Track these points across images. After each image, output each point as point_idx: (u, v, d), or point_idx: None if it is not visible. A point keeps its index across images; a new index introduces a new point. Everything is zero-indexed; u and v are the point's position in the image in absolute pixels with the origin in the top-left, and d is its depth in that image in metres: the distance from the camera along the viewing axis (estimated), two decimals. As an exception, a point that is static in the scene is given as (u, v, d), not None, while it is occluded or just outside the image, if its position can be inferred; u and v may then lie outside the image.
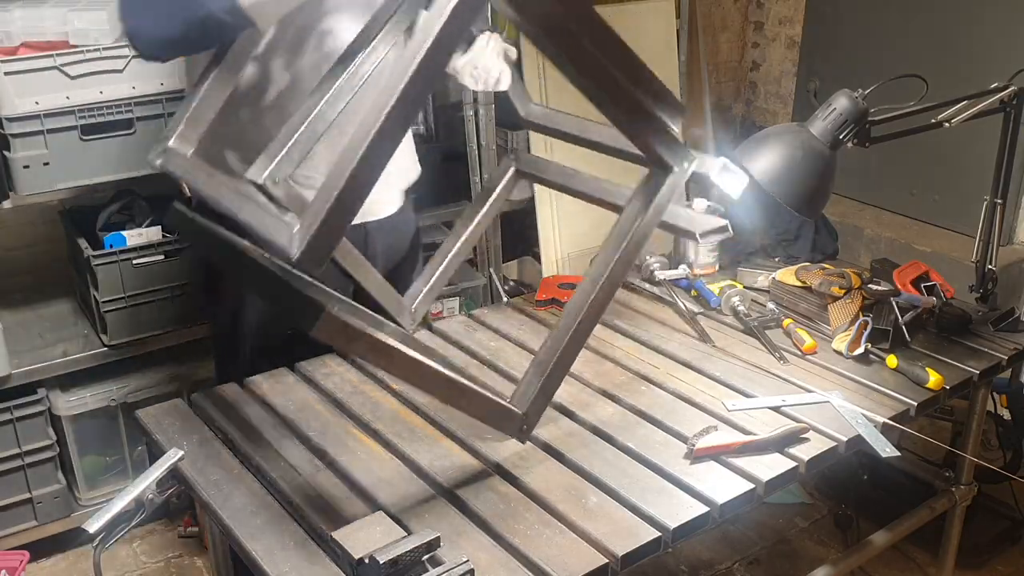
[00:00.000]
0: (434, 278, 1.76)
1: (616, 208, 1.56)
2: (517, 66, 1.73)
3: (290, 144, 1.54)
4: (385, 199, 1.93)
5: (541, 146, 3.04)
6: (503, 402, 1.40)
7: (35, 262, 2.66)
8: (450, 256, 1.78)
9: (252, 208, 1.21)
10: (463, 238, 1.78)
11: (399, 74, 1.06)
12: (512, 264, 3.20)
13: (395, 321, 1.70)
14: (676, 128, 1.39)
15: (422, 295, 1.75)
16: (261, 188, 1.48)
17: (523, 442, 1.48)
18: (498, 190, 1.81)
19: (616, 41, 1.27)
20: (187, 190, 1.79)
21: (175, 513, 2.62)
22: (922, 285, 2.06)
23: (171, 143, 1.42)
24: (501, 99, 3.02)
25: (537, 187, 3.05)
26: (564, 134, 1.71)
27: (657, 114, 1.35)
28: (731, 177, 1.47)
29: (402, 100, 1.06)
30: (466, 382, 1.36)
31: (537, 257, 3.08)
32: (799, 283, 2.03)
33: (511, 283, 3.11)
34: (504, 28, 3.12)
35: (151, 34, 1.51)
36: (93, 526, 1.34)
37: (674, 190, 1.42)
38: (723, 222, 1.58)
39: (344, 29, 1.71)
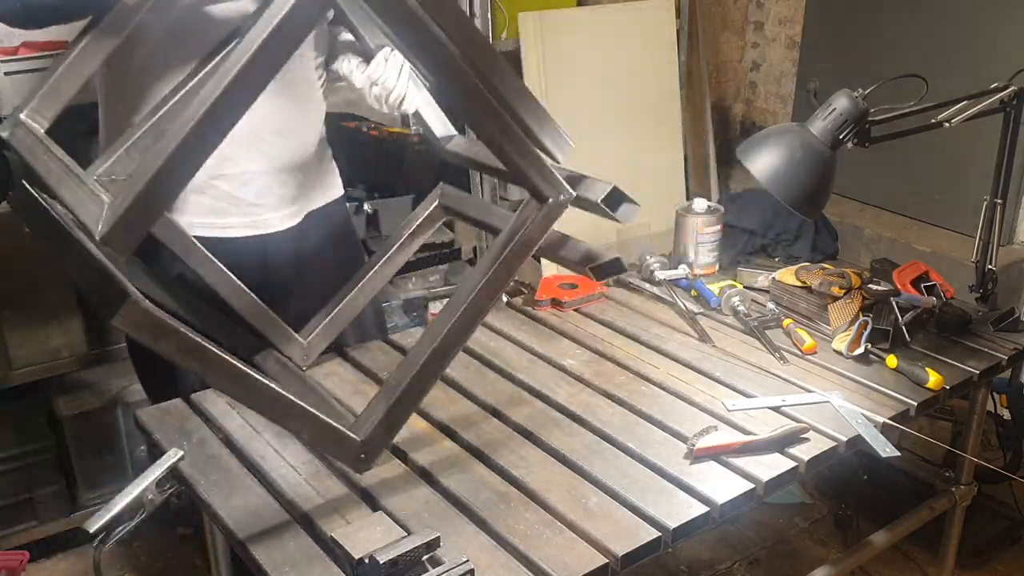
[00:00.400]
0: (337, 310, 1.67)
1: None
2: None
3: (132, 141, 1.46)
4: (281, 211, 1.82)
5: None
6: (337, 426, 1.30)
7: (35, 262, 2.66)
8: (358, 288, 1.68)
9: (72, 186, 1.16)
10: (374, 270, 1.69)
11: (231, 65, 1.02)
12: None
13: (280, 351, 1.61)
14: (560, 158, 1.32)
15: (321, 327, 1.65)
16: (99, 183, 1.38)
17: (360, 472, 1.37)
18: (418, 223, 1.73)
19: (493, 56, 1.21)
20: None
21: (175, 513, 2.62)
22: (922, 285, 2.06)
23: (23, 115, 1.35)
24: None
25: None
26: (484, 166, 1.60)
27: (532, 142, 1.28)
28: (624, 206, 1.37)
29: (228, 91, 1.02)
30: (295, 399, 1.24)
31: (537, 257, 3.08)
32: (799, 283, 2.03)
33: (511, 283, 3.10)
34: (504, 28, 3.13)
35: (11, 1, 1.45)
36: (93, 526, 1.34)
37: (548, 222, 1.35)
38: (615, 256, 1.43)
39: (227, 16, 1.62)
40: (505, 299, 2.02)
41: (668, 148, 3.50)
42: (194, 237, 1.56)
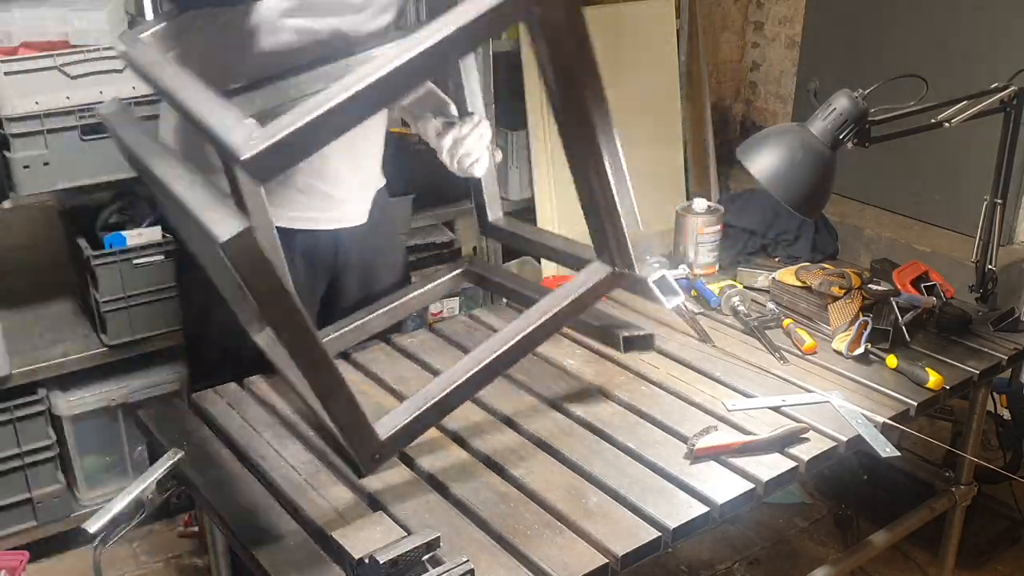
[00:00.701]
0: (344, 330, 1.75)
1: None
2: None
3: (257, 92, 1.49)
4: (361, 207, 1.91)
5: (540, 147, 3.03)
6: (368, 421, 1.30)
7: (35, 262, 2.66)
8: (363, 320, 1.77)
9: (211, 105, 1.14)
10: (387, 308, 1.79)
11: (423, 38, 1.07)
12: (512, 264, 3.20)
13: None
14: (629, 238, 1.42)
15: (327, 340, 1.72)
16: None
17: (359, 475, 1.37)
18: (441, 282, 1.87)
19: (609, 121, 1.30)
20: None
21: (175, 513, 2.62)
22: (922, 285, 2.06)
23: (143, 36, 1.38)
24: (501, 100, 3.04)
25: (537, 187, 3.05)
26: (525, 240, 1.82)
27: (620, 216, 1.37)
28: (667, 291, 1.50)
29: (415, 61, 1.07)
30: (343, 380, 1.24)
31: (537, 257, 3.08)
32: (799, 283, 2.03)
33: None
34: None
35: None
36: (93, 526, 1.34)
37: (608, 288, 1.45)
38: (648, 332, 1.65)
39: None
40: (505, 300, 2.03)
41: (668, 148, 3.50)
42: (284, 228, 1.69)
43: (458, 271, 1.90)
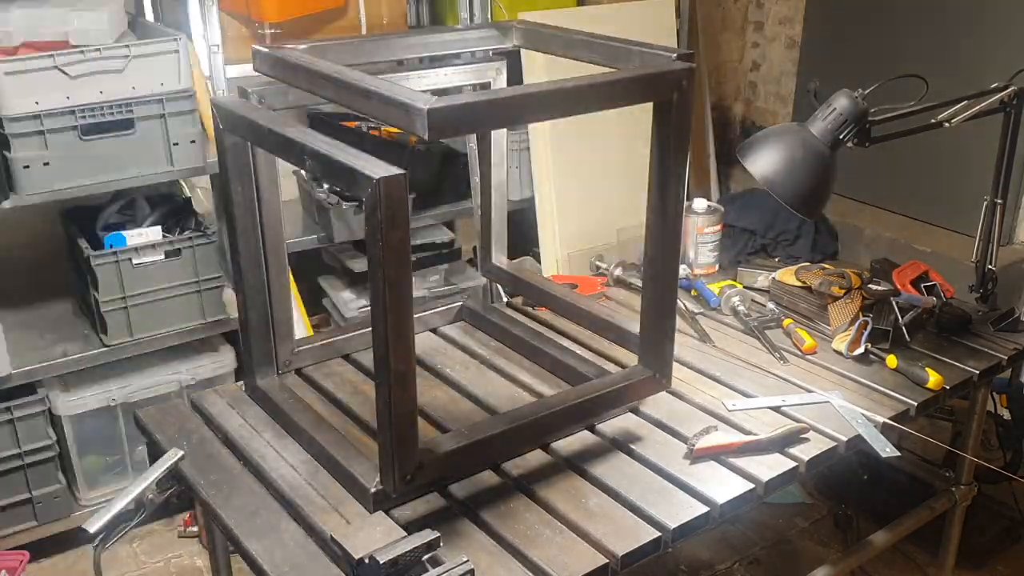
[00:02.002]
0: (331, 340, 1.79)
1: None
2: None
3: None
4: None
5: (540, 147, 3.03)
6: (417, 431, 1.29)
7: (35, 262, 2.66)
8: (357, 333, 1.82)
9: (388, 85, 1.23)
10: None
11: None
12: (512, 264, 3.20)
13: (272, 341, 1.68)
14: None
15: (312, 347, 1.76)
16: None
17: (376, 505, 1.36)
18: (436, 311, 1.94)
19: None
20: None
21: (175, 513, 2.62)
22: (922, 285, 2.06)
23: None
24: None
25: (537, 187, 3.05)
26: (527, 286, 1.91)
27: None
28: None
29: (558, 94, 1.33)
30: (414, 367, 1.28)
31: (537, 257, 3.08)
32: (799, 283, 2.03)
33: (511, 283, 3.10)
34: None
35: None
36: (93, 526, 1.35)
37: (646, 393, 1.63)
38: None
39: None
40: (505, 299, 2.03)
41: (668, 148, 3.50)
42: None
43: (456, 305, 1.95)
